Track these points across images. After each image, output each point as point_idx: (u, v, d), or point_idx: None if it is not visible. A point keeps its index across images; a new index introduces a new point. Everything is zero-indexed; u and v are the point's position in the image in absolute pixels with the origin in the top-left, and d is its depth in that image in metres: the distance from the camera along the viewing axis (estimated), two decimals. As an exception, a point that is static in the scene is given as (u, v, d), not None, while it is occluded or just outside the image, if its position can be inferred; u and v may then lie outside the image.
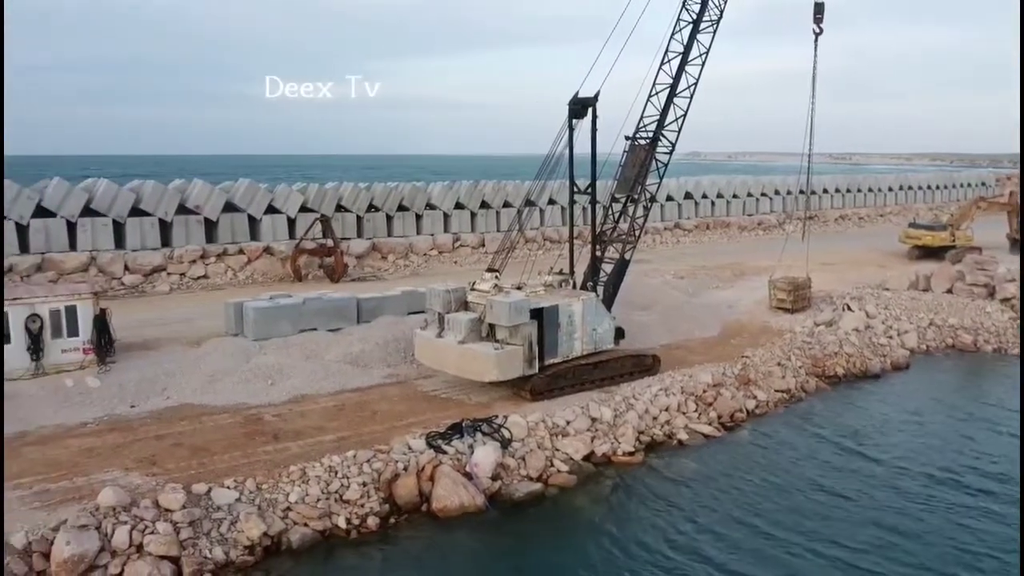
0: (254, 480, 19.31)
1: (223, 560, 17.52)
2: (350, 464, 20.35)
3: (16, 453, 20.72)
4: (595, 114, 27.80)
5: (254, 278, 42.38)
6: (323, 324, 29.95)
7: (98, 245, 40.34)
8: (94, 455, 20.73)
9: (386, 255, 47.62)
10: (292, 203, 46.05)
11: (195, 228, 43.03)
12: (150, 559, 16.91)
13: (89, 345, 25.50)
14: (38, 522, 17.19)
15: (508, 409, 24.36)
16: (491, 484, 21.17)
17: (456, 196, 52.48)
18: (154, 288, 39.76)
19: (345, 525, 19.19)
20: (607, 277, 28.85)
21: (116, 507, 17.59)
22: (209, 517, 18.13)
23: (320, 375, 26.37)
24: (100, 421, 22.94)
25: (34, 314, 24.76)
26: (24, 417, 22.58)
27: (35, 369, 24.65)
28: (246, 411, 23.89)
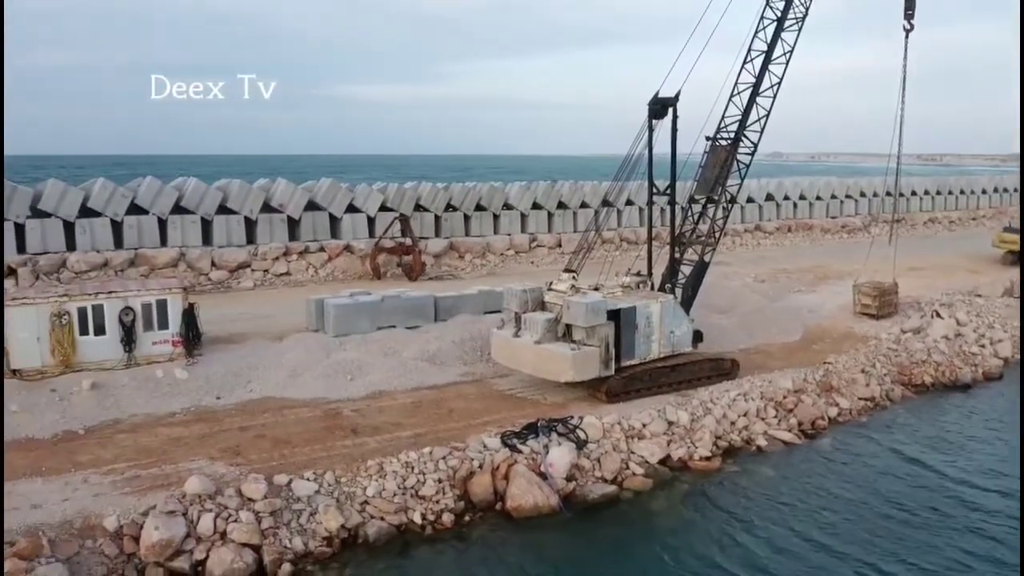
0: (333, 473, 19.70)
1: (302, 550, 17.93)
2: (426, 460, 20.59)
3: (110, 440, 21.61)
4: (675, 114, 27.51)
5: (334, 275, 43.22)
6: (401, 322, 30.37)
7: (187, 242, 41.73)
8: (181, 444, 21.45)
9: (463, 254, 47.99)
10: (372, 202, 46.81)
11: (279, 226, 44.13)
12: (233, 546, 17.43)
13: (178, 338, 26.37)
14: (129, 507, 17.88)
15: (583, 410, 24.29)
16: (565, 485, 21.14)
17: (533, 196, 52.56)
18: (239, 284, 40.90)
19: (420, 520, 19.42)
20: (686, 279, 28.50)
21: (202, 495, 18.17)
22: (289, 508, 18.58)
23: (398, 372, 26.74)
24: (187, 411, 23.72)
25: (127, 307, 25.71)
26: (117, 405, 23.53)
27: (127, 360, 25.60)
28: (326, 405, 24.38)
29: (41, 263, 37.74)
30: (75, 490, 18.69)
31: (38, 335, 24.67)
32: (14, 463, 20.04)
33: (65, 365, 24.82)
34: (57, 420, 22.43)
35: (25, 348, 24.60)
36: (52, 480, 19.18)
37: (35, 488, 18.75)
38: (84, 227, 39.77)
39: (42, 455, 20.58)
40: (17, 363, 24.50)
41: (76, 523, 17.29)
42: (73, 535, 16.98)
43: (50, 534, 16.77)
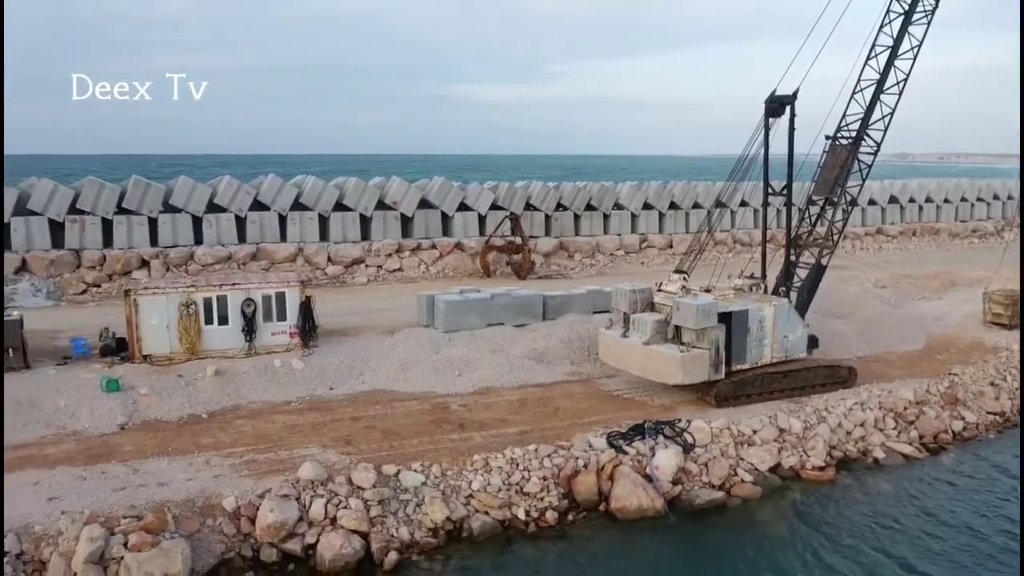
0: (440, 466, 20.03)
1: (408, 540, 18.32)
2: (531, 457, 20.68)
3: (230, 424, 22.61)
4: (793, 112, 26.73)
5: (445, 272, 43.91)
6: (509, 319, 30.60)
7: (305, 237, 43.24)
8: (296, 431, 22.23)
9: (572, 254, 47.95)
10: (483, 201, 47.33)
11: (392, 223, 45.18)
12: (342, 532, 17.97)
13: (295, 329, 27.33)
14: (246, 489, 18.66)
15: (691, 413, 23.90)
16: (671, 488, 20.87)
17: (644, 196, 52.04)
18: (353, 279, 42.06)
19: (524, 517, 19.53)
20: (801, 283, 27.66)
21: (314, 481, 18.79)
22: (397, 498, 19.00)
23: (505, 369, 26.94)
24: (302, 400, 24.55)
25: (249, 299, 26.82)
26: (237, 392, 24.58)
27: (248, 349, 26.70)
28: (434, 399, 24.80)
29: (171, 255, 39.81)
30: (198, 471, 19.64)
31: (167, 323, 26.04)
32: (143, 442, 21.26)
33: (191, 352, 26.10)
34: (183, 404, 23.62)
35: (155, 335, 26.00)
36: (177, 460, 20.22)
37: (162, 467, 19.82)
38: (211, 222, 41.73)
39: (169, 436, 21.72)
40: (148, 349, 25.93)
41: (198, 502, 18.17)
42: (195, 513, 17.85)
43: (175, 511, 17.68)
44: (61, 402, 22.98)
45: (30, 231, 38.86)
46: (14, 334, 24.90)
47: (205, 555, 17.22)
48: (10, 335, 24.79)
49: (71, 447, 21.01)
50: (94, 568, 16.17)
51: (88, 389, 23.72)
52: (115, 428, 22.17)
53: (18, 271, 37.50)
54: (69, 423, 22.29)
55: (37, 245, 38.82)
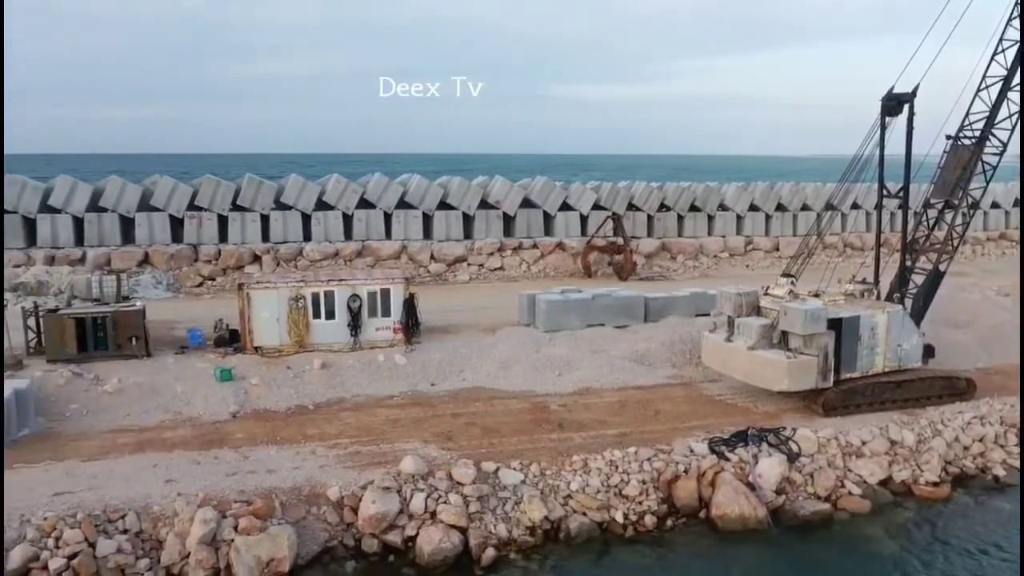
0: (538, 465, 20.06)
1: (506, 537, 18.41)
2: (631, 460, 20.48)
3: (335, 416, 23.22)
4: (912, 111, 25.62)
5: (546, 272, 43.97)
6: (610, 320, 30.41)
7: (409, 235, 44.03)
8: (398, 425, 22.64)
9: (675, 255, 47.28)
10: (585, 201, 47.17)
11: (494, 222, 45.52)
12: (441, 527, 18.20)
13: (399, 325, 27.86)
14: (350, 480, 19.12)
15: (797, 421, 23.21)
16: (774, 498, 20.32)
17: (751, 198, 50.84)
18: (455, 277, 42.58)
19: (622, 520, 19.37)
20: (917, 289, 26.49)
21: (415, 475, 19.09)
22: (495, 495, 19.12)
23: (605, 370, 26.77)
24: (404, 395, 25.00)
25: (355, 294, 27.48)
26: (343, 385, 25.22)
27: (353, 344, 27.36)
28: (533, 398, 24.85)
29: (281, 251, 41.17)
30: (304, 460, 20.25)
31: (277, 317, 26.94)
32: (254, 431, 22.06)
33: (299, 345, 26.93)
34: (291, 395, 24.39)
35: (266, 328, 26.93)
36: (285, 449, 20.90)
37: (271, 455, 20.52)
38: (319, 219, 42.96)
39: (277, 425, 22.47)
40: (259, 341, 26.88)
41: (304, 490, 18.72)
42: (301, 500, 18.41)
43: (282, 497, 18.28)
44: (178, 389, 24.08)
45: (152, 226, 40.87)
46: (137, 324, 26.23)
47: (309, 542, 17.75)
48: (134, 325, 26.13)
49: (187, 432, 21.98)
50: (206, 549, 16.87)
51: (203, 378, 24.78)
52: (227, 416, 23.08)
53: (141, 264, 39.49)
54: (185, 409, 23.34)
55: (158, 239, 40.79)
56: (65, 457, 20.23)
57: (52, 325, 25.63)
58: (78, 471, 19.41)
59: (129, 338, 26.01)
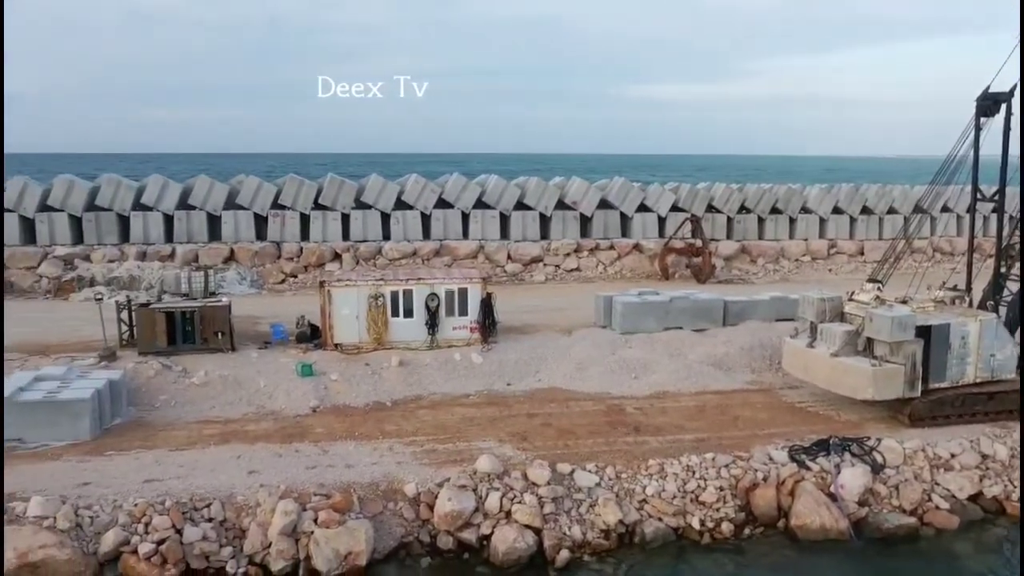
0: (614, 468, 19.93)
1: (580, 539, 18.36)
2: (708, 466, 20.19)
3: (412, 414, 23.52)
4: (1010, 110, 24.58)
5: (623, 273, 43.71)
6: (688, 323, 30.04)
7: (486, 235, 44.27)
8: (474, 424, 22.79)
9: (755, 258, 46.42)
10: (664, 202, 46.69)
11: (571, 223, 45.41)
12: (516, 526, 18.26)
13: (476, 325, 28.04)
14: (426, 476, 19.33)
15: (881, 431, 22.51)
16: (857, 509, 19.77)
17: (835, 200, 49.52)
18: (532, 277, 42.66)
19: (698, 526, 19.12)
20: (1012, 297, 25.41)
21: (491, 474, 19.19)
22: (570, 496, 19.09)
23: (682, 374, 26.46)
24: (480, 394, 25.14)
25: (433, 293, 27.77)
26: (420, 383, 25.52)
27: (430, 342, 27.65)
28: (609, 400, 24.71)
29: (361, 250, 41.89)
30: (382, 456, 20.56)
31: (357, 314, 27.41)
32: (333, 426, 22.49)
33: (378, 343, 27.35)
34: (369, 391, 24.80)
35: (346, 325, 27.43)
36: (363, 444, 21.26)
37: (349, 450, 20.89)
38: (398, 218, 43.56)
39: (356, 421, 22.87)
40: (339, 337, 27.39)
41: (381, 485, 19.00)
42: (378, 496, 18.70)
43: (360, 492, 18.60)
44: (261, 383, 24.73)
45: (238, 224, 42.07)
46: (223, 319, 27.03)
47: (386, 537, 18.03)
48: (220, 319, 26.94)
49: (269, 425, 22.56)
50: (287, 539, 17.29)
51: (285, 372, 25.38)
52: (308, 410, 23.60)
53: (226, 260, 40.68)
54: (268, 403, 23.95)
55: (243, 237, 41.96)
56: (155, 446, 20.99)
57: (143, 319, 26.60)
58: (167, 460, 20.12)
59: (215, 332, 26.82)
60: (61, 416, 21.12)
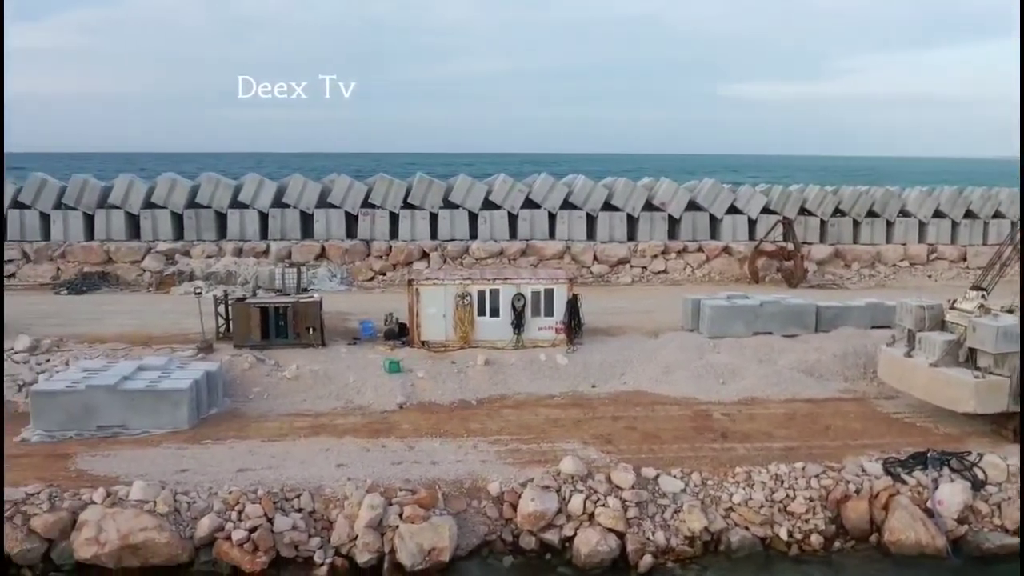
0: (700, 474, 19.63)
1: (664, 545, 18.16)
2: (797, 476, 19.68)
3: (497, 413, 23.65)
4: None
5: (711, 276, 43.02)
6: (778, 328, 29.34)
7: (573, 235, 44.15)
8: (558, 425, 22.78)
9: (850, 263, 45.02)
10: (754, 204, 45.73)
11: (659, 224, 44.90)
12: (599, 529, 18.17)
13: (561, 325, 28.00)
14: (510, 476, 19.41)
15: (983, 446, 21.52)
16: (955, 527, 18.96)
17: (936, 203, 47.57)
18: (618, 279, 42.36)
19: (786, 537, 18.67)
20: None
21: (574, 475, 19.14)
22: (655, 501, 18.89)
23: (772, 380, 25.87)
24: (565, 396, 25.11)
25: (519, 293, 27.85)
26: (505, 382, 25.65)
27: (516, 342, 27.75)
28: (696, 405, 24.35)
29: (448, 249, 42.34)
30: (466, 454, 20.74)
31: (444, 312, 27.71)
32: (419, 422, 22.82)
33: (464, 341, 27.60)
34: (455, 389, 25.05)
35: (433, 323, 27.77)
36: (448, 442, 21.49)
37: (434, 447, 21.15)
38: (485, 218, 43.86)
39: (442, 418, 23.14)
40: (426, 335, 27.76)
41: (466, 483, 19.17)
42: (462, 493, 18.87)
43: (445, 489, 18.81)
44: (350, 378, 25.25)
45: (329, 222, 43.06)
46: (315, 315, 27.71)
47: (469, 535, 18.18)
48: (311, 315, 27.63)
49: (357, 420, 23.02)
50: (372, 533, 17.61)
51: (373, 368, 25.86)
52: (395, 406, 24.00)
53: (318, 257, 41.71)
54: (356, 398, 24.45)
55: (335, 235, 42.93)
56: (248, 436, 21.67)
57: (239, 313, 27.49)
58: (259, 450, 20.75)
59: (307, 328, 27.51)
60: (162, 404, 22.04)
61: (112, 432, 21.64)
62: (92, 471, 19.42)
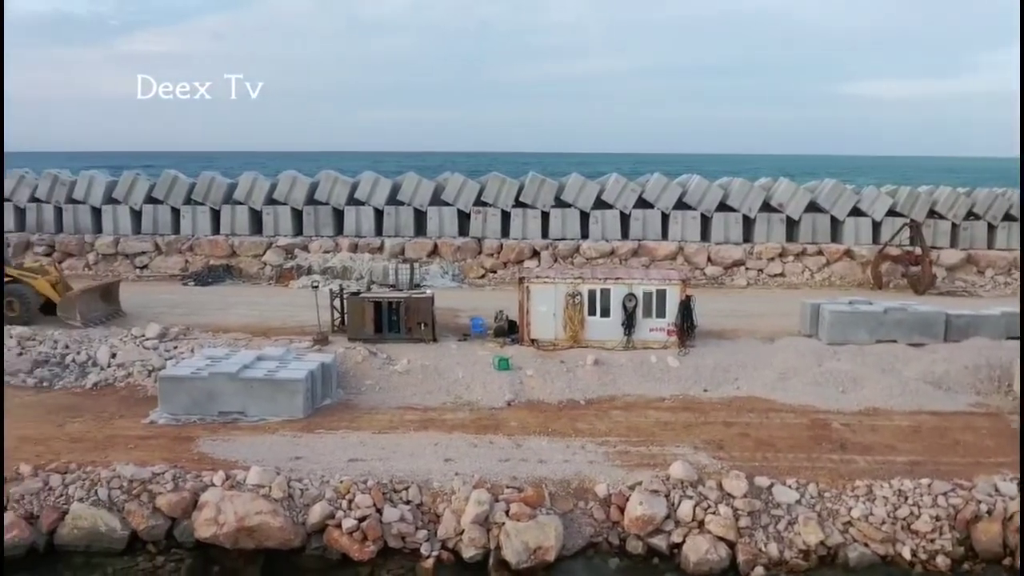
0: (816, 485, 18.84)
1: (777, 557, 17.51)
2: (923, 493, 18.62)
3: (605, 414, 23.36)
4: None
5: (831, 280, 41.41)
6: (904, 336, 27.89)
7: (686, 236, 43.28)
8: (668, 429, 22.30)
9: (983, 269, 42.46)
10: (880, 206, 43.73)
11: (776, 226, 43.52)
12: (709, 537, 17.68)
13: (673, 327, 27.44)
14: (618, 478, 19.11)
15: None
16: (1100, 554, 17.56)
17: (1082, 208, 44.34)
18: (732, 281, 41.29)
19: (910, 557, 17.68)
20: None
21: (684, 481, 18.69)
22: (768, 512, 18.24)
23: (896, 391, 24.61)
24: (675, 399, 24.58)
25: (631, 294, 27.45)
26: (614, 383, 25.30)
27: (626, 343, 27.35)
28: (813, 414, 23.41)
29: (559, 247, 42.22)
30: (574, 453, 20.55)
31: (554, 311, 27.58)
32: (527, 420, 22.77)
33: (574, 340, 27.39)
34: (563, 388, 24.89)
35: (543, 321, 27.68)
36: (556, 441, 21.34)
37: (542, 445, 21.05)
38: (597, 217, 43.54)
39: (549, 417, 23.03)
40: (535, 333, 27.70)
41: (572, 483, 18.99)
42: (569, 493, 18.70)
43: (551, 488, 18.68)
44: (460, 374, 25.43)
45: (442, 219, 43.64)
46: (426, 310, 28.06)
47: (575, 535, 17.99)
48: (423, 311, 28.00)
49: (465, 416, 23.16)
50: (479, 528, 17.64)
51: (482, 365, 25.97)
52: (503, 404, 24.03)
53: (430, 254, 42.31)
54: (465, 394, 24.61)
55: (447, 232, 43.47)
56: (359, 428, 22.11)
57: (354, 307, 28.11)
58: (370, 442, 21.13)
59: (419, 323, 27.89)
60: (279, 394, 22.74)
61: (232, 418, 22.48)
62: (213, 454, 20.22)
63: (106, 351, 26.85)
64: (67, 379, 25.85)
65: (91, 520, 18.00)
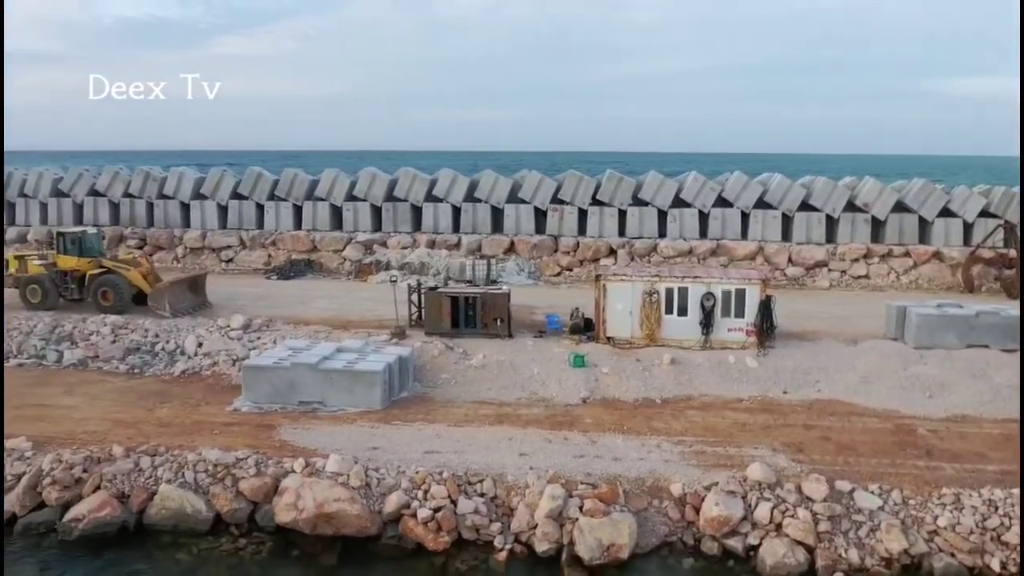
0: (900, 492, 18.28)
1: (857, 564, 17.06)
2: (1015, 503, 17.87)
3: (682, 413, 23.12)
4: None
5: (918, 283, 40.08)
6: (996, 342, 26.80)
7: (766, 236, 42.46)
8: (746, 430, 21.94)
9: (1083, 274, 40.53)
10: (971, 206, 42.10)
11: (861, 226, 42.33)
12: (787, 541, 17.34)
13: (752, 328, 26.95)
14: (693, 478, 18.90)
15: None
16: None
17: None
18: (814, 282, 40.31)
19: (999, 569, 17.01)
20: None
21: (762, 483, 18.37)
22: (849, 517, 17.78)
23: (987, 397, 23.70)
24: (754, 400, 24.15)
25: (709, 293, 27.07)
26: (691, 383, 25.00)
27: (703, 342, 26.99)
28: (897, 419, 22.71)
29: (636, 246, 41.90)
30: (649, 452, 20.39)
31: (631, 309, 27.39)
32: (602, 417, 22.68)
33: (650, 339, 27.16)
34: (639, 387, 24.70)
35: (619, 319, 27.52)
36: (631, 439, 21.21)
37: (617, 443, 20.95)
38: (675, 216, 43.08)
39: (624, 415, 22.89)
40: (611, 331, 27.56)
41: (647, 482, 18.85)
42: (644, 492, 18.57)
43: (626, 486, 18.59)
44: (535, 370, 25.48)
45: (519, 217, 43.78)
46: (503, 306, 28.21)
47: (649, 534, 17.86)
48: (499, 307, 28.17)
49: (540, 411, 23.21)
50: (552, 523, 17.66)
51: (557, 362, 25.97)
52: (578, 401, 23.98)
53: (507, 251, 42.49)
54: (540, 390, 24.65)
55: (523, 229, 43.60)
56: (435, 420, 22.37)
57: (431, 302, 28.43)
58: (445, 434, 21.36)
59: (495, 319, 28.05)
60: (357, 385, 23.17)
61: (312, 407, 23.00)
62: (293, 442, 20.73)
63: (193, 340, 27.81)
64: (157, 366, 26.85)
65: (178, 501, 18.65)
